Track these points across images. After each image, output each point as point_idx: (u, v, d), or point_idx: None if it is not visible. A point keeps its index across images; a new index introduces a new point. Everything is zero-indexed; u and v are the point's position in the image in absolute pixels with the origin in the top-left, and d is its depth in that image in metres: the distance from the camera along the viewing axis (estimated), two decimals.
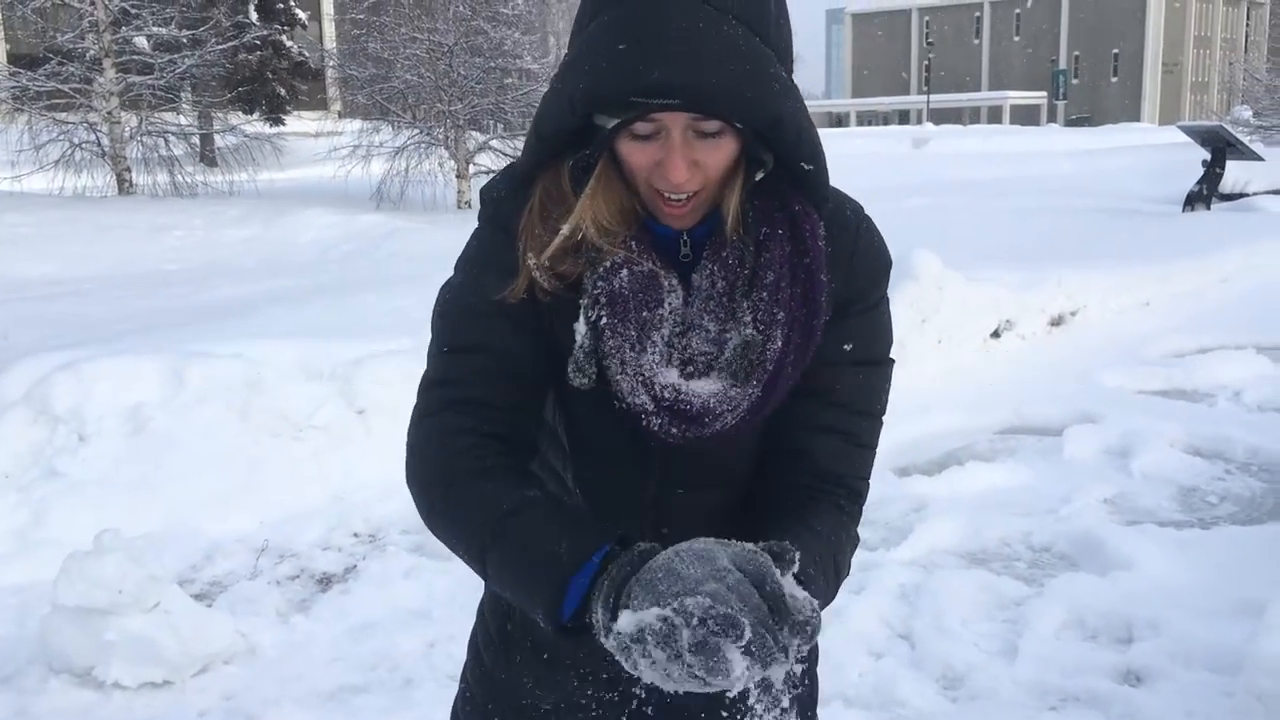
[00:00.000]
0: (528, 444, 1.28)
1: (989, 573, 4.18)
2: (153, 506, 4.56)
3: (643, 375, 1.22)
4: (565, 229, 1.22)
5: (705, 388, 1.23)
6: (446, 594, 4.02)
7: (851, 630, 3.67)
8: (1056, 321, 8.24)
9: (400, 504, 4.85)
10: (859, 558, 4.37)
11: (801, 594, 1.00)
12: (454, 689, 1.62)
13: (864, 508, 1.36)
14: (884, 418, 1.37)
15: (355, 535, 4.70)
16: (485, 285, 1.26)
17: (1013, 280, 8.01)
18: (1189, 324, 8.45)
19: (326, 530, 4.68)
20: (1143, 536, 4.39)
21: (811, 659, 1.50)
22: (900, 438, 5.68)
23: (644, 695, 1.42)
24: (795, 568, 1.02)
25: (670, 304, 1.23)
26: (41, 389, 4.79)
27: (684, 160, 1.16)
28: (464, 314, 1.28)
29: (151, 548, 3.59)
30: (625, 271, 1.22)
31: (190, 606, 3.55)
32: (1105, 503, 4.95)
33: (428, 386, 1.29)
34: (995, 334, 7.69)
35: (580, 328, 1.23)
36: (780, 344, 1.22)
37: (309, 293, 7.98)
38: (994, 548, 4.48)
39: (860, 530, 1.35)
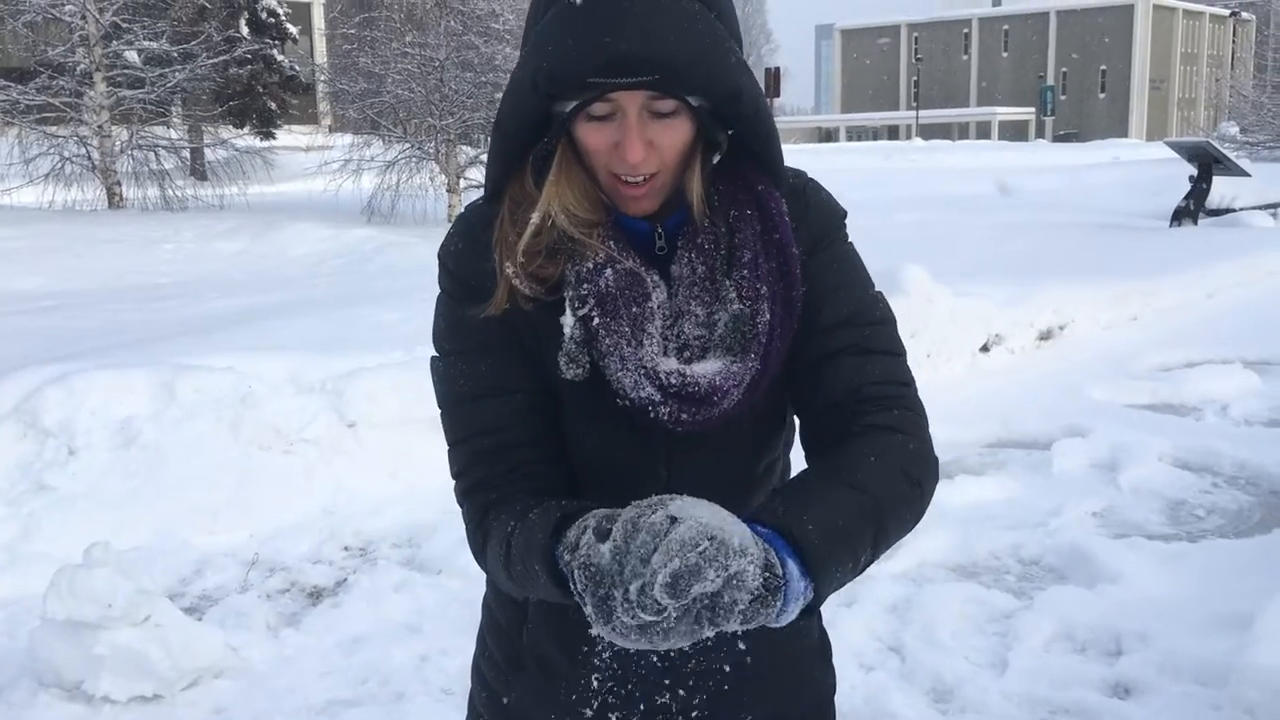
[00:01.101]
0: (543, 488, 1.30)
1: (979, 586, 4.19)
2: (143, 520, 4.56)
3: (644, 367, 1.23)
4: (535, 217, 1.24)
5: (708, 368, 1.24)
6: (437, 608, 4.02)
7: (842, 643, 3.67)
8: (1045, 336, 8.28)
9: (391, 518, 4.86)
10: None
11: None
12: (445, 702, 1.63)
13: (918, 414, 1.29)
14: (895, 327, 1.34)
15: (346, 549, 4.69)
16: (461, 365, 1.31)
17: (1001, 295, 8.05)
18: (1176, 338, 8.49)
19: (317, 544, 4.67)
20: (1131, 550, 4.41)
21: (823, 646, 1.52)
22: None
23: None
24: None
25: (657, 298, 1.25)
26: (31, 402, 4.78)
27: (640, 140, 1.18)
28: (450, 405, 1.33)
29: (141, 561, 3.60)
30: (609, 271, 1.24)
31: (180, 620, 3.54)
32: (1094, 516, 4.97)
33: (451, 474, 1.35)
34: (984, 348, 7.72)
35: (568, 319, 1.25)
36: (768, 316, 1.25)
37: (300, 306, 7.98)
38: (983, 561, 4.49)
39: None
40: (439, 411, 1.35)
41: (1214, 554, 4.45)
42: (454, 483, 1.34)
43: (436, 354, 1.35)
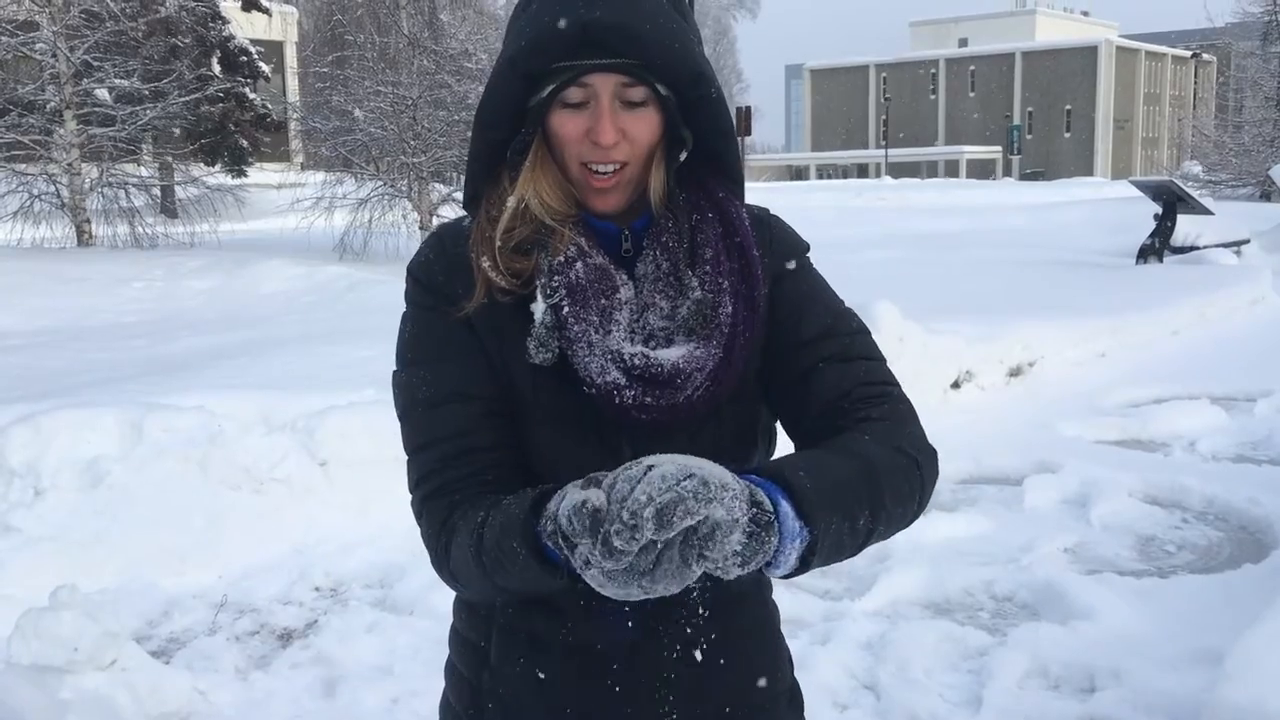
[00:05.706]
0: (506, 494, 1.29)
1: (952, 623, 4.19)
2: (110, 562, 4.50)
3: (611, 351, 1.26)
4: (510, 201, 1.29)
5: (672, 352, 1.28)
6: (409, 649, 3.98)
7: (817, 681, 3.66)
8: (1015, 372, 8.34)
9: (362, 558, 4.82)
10: (822, 608, 4.35)
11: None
12: None
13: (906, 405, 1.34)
14: (872, 336, 1.40)
15: (316, 589, 4.64)
16: (423, 373, 1.32)
17: (972, 332, 8.11)
18: (1143, 375, 8.58)
19: (287, 584, 4.62)
20: (1103, 586, 4.43)
21: (793, 692, 1.52)
22: None
23: None
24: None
25: (625, 294, 1.29)
26: None
27: (612, 124, 1.24)
28: (411, 412, 1.33)
29: (108, 604, 3.54)
30: (580, 264, 1.28)
31: (148, 664, 3.49)
32: (1065, 552, 4.99)
33: (410, 486, 1.34)
34: (955, 385, 7.77)
35: (539, 305, 1.28)
36: (730, 308, 1.29)
37: (270, 344, 7.93)
38: (957, 597, 4.50)
39: (821, 580, 1.35)
40: (399, 424, 1.35)
41: (1185, 589, 4.48)
42: (411, 494, 1.33)
43: (398, 367, 1.36)
